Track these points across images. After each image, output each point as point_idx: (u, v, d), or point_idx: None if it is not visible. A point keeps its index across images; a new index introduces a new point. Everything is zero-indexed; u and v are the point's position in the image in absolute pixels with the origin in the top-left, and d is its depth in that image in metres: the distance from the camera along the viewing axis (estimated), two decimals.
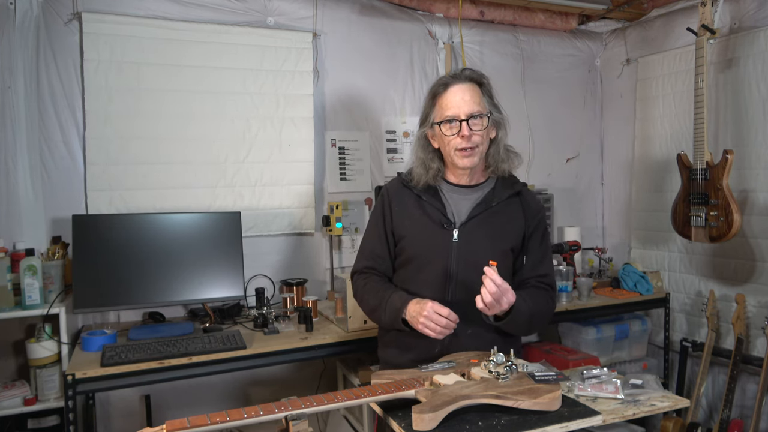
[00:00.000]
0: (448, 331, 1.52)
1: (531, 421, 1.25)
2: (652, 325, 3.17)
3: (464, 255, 1.62)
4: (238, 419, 1.15)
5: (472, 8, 3.08)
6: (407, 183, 1.72)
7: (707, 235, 2.59)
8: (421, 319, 1.52)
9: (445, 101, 1.62)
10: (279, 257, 2.79)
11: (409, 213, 1.69)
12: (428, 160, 1.68)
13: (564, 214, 3.46)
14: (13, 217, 2.32)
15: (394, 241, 1.73)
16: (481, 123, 1.60)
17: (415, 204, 1.69)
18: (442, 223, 1.64)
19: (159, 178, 2.54)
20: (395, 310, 1.59)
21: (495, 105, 1.67)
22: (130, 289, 2.22)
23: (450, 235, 1.63)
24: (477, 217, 1.65)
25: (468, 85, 1.62)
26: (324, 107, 2.88)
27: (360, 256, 1.80)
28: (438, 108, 1.64)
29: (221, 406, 2.58)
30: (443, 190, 1.70)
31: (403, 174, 1.77)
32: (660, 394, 1.53)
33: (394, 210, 1.72)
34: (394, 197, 1.74)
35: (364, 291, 1.72)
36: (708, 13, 2.57)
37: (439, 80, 1.67)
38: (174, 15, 2.54)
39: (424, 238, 1.66)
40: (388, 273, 1.76)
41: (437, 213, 1.66)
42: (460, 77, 1.63)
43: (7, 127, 2.30)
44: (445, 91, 1.62)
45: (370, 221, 1.81)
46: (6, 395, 2.10)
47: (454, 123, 1.59)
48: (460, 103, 1.59)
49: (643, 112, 3.30)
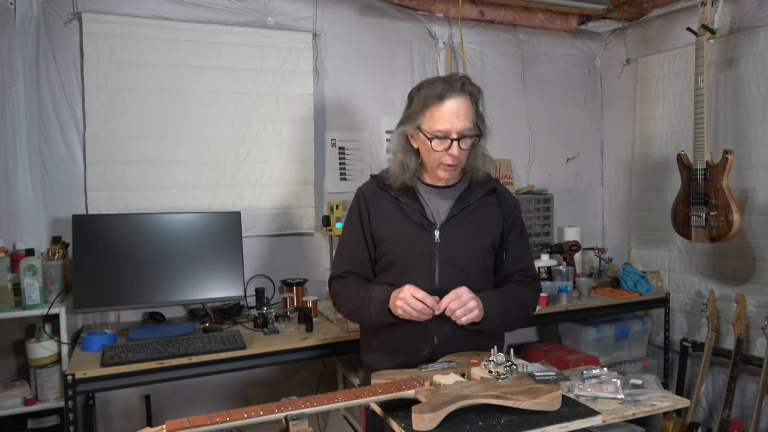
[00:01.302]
0: (426, 316, 1.50)
1: (531, 421, 1.26)
2: (652, 325, 3.17)
3: (447, 255, 1.61)
4: (238, 419, 1.15)
5: (472, 8, 3.08)
6: (383, 185, 1.69)
7: (707, 235, 2.59)
8: (398, 303, 1.50)
9: (438, 115, 1.55)
10: (279, 257, 2.79)
11: (387, 215, 1.66)
12: (407, 160, 1.65)
13: (564, 214, 3.46)
14: (13, 217, 2.32)
15: (373, 244, 1.70)
16: (469, 142, 1.59)
17: (393, 206, 1.66)
18: (423, 225, 1.63)
19: (159, 178, 2.54)
20: (381, 302, 1.57)
21: (480, 115, 1.64)
22: (130, 289, 2.22)
23: (431, 235, 1.62)
24: (456, 216, 1.64)
25: (462, 100, 1.56)
26: (324, 107, 2.88)
27: (338, 260, 1.75)
28: (429, 118, 1.57)
29: (221, 406, 2.58)
30: (420, 191, 1.68)
31: (378, 175, 1.73)
32: (660, 394, 1.53)
33: (371, 212, 1.68)
34: (370, 200, 1.70)
35: (343, 293, 1.68)
36: (708, 13, 2.57)
37: (433, 87, 1.57)
38: (174, 15, 2.55)
39: (405, 241, 1.63)
40: (368, 277, 1.73)
41: (417, 214, 1.64)
42: (455, 88, 1.56)
43: (7, 127, 2.30)
44: (441, 104, 1.55)
45: (345, 225, 1.77)
46: (6, 395, 2.10)
47: (445, 140, 1.56)
48: (454, 120, 1.54)
49: (643, 112, 3.30)
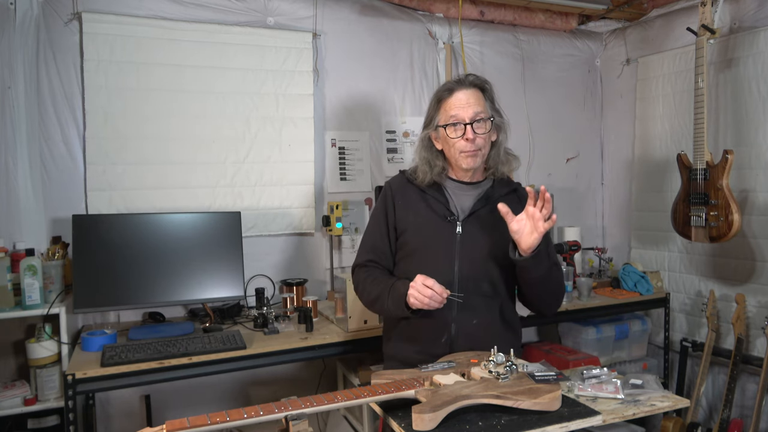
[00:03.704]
0: (436, 304, 1.52)
1: (531, 421, 1.26)
2: (652, 325, 3.17)
3: (468, 247, 1.66)
4: (238, 419, 1.15)
5: (472, 8, 3.08)
6: (411, 179, 1.76)
7: (707, 235, 2.59)
8: (410, 291, 1.55)
9: (449, 105, 1.67)
10: (279, 257, 2.79)
11: (412, 207, 1.73)
12: (433, 159, 1.73)
13: (564, 214, 3.46)
14: (13, 217, 2.32)
15: (396, 236, 1.76)
16: (484, 126, 1.65)
17: (419, 198, 1.73)
18: (446, 216, 1.69)
19: (159, 178, 2.54)
20: (400, 296, 1.60)
21: (497, 110, 1.72)
22: (130, 289, 2.22)
23: (453, 227, 1.68)
24: (479, 211, 1.70)
25: (472, 91, 1.67)
26: (324, 107, 2.88)
27: (361, 250, 1.82)
28: (443, 112, 1.69)
29: (221, 406, 2.58)
30: (446, 186, 1.74)
31: (407, 171, 1.81)
32: (660, 394, 1.53)
33: (397, 204, 1.75)
34: (397, 192, 1.77)
35: (366, 282, 1.74)
36: (708, 13, 2.57)
37: (444, 85, 1.72)
38: (174, 15, 2.55)
39: (427, 231, 1.69)
40: (389, 267, 1.79)
41: (441, 206, 1.70)
42: (465, 83, 1.68)
43: (7, 127, 2.30)
44: (450, 96, 1.67)
45: (372, 216, 1.84)
46: (6, 395, 2.10)
47: (458, 126, 1.64)
48: (465, 106, 1.64)
49: (643, 112, 3.30)
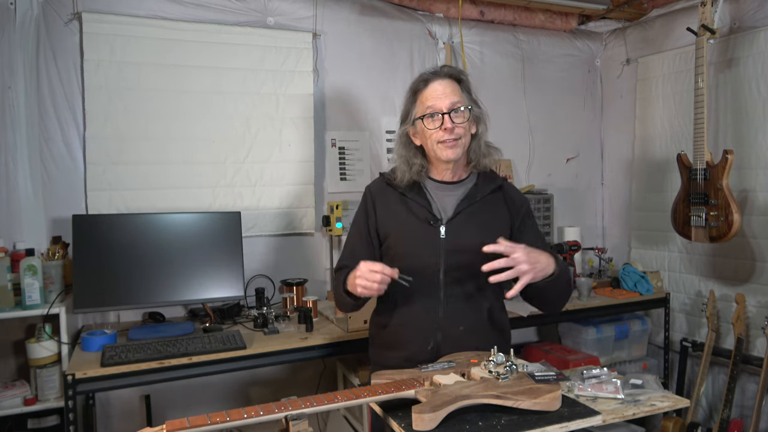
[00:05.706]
0: (383, 286, 1.50)
1: (531, 421, 1.25)
2: (652, 325, 3.17)
3: (452, 251, 1.62)
4: (238, 419, 1.15)
5: (472, 8, 3.08)
6: (390, 182, 1.72)
7: (707, 235, 2.59)
8: (357, 281, 1.51)
9: (425, 96, 1.63)
10: (279, 257, 2.79)
11: (393, 211, 1.69)
12: (411, 157, 1.68)
13: (564, 214, 3.46)
14: (13, 217, 2.32)
15: (378, 241, 1.72)
16: (462, 116, 1.61)
17: (400, 202, 1.69)
18: (429, 220, 1.64)
19: (159, 178, 2.54)
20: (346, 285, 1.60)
21: (474, 100, 1.67)
22: (130, 289, 2.22)
23: (437, 231, 1.63)
24: (463, 212, 1.65)
25: (448, 81, 1.63)
26: (324, 107, 2.88)
27: (341, 255, 1.80)
28: (419, 104, 1.65)
29: (221, 406, 2.58)
30: (427, 187, 1.70)
31: (386, 173, 1.76)
32: (660, 394, 1.53)
33: (378, 209, 1.71)
34: (377, 196, 1.73)
35: (336, 286, 1.72)
36: (708, 13, 2.57)
37: (419, 77, 1.67)
38: (174, 15, 2.55)
39: (411, 236, 1.65)
40: None
41: (423, 210, 1.65)
42: (440, 73, 1.64)
43: (7, 127, 2.30)
44: (426, 87, 1.63)
45: (353, 221, 1.80)
46: (6, 395, 2.10)
47: (436, 117, 1.60)
48: (441, 96, 1.60)
49: (643, 112, 3.30)
